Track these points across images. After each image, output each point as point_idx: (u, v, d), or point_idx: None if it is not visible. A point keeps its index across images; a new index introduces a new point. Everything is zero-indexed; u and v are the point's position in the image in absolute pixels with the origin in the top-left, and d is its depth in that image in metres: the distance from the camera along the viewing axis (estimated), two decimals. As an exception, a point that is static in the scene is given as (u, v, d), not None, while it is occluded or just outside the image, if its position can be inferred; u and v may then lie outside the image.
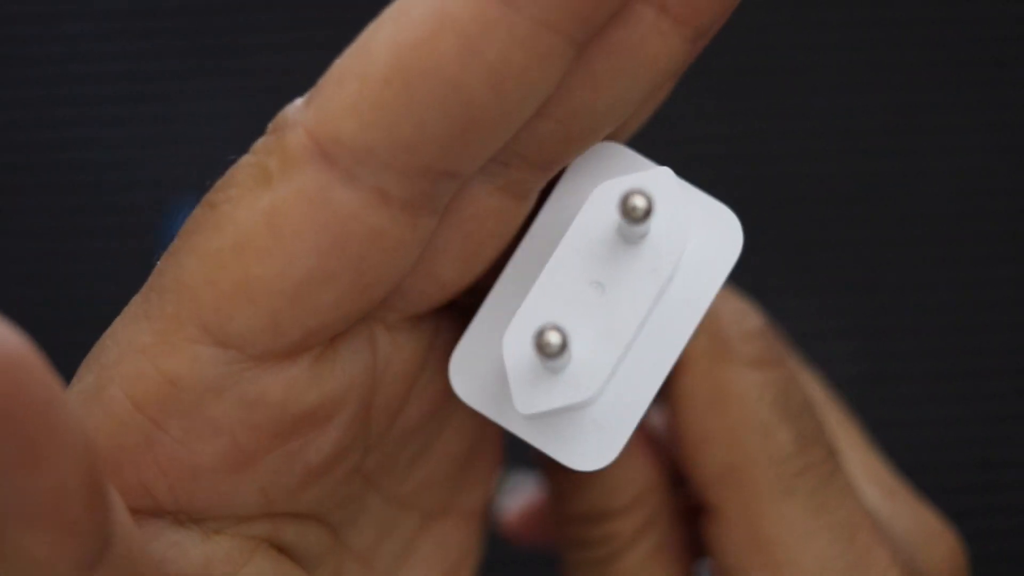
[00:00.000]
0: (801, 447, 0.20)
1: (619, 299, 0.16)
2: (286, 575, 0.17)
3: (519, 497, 0.29)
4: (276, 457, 0.16)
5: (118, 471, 0.16)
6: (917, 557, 0.21)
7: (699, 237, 0.17)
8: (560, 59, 0.14)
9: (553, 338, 0.15)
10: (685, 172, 0.17)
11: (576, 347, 0.16)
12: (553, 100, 0.15)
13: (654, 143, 0.18)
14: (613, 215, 0.16)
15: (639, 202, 0.15)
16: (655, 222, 0.16)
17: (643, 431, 0.21)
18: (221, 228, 0.15)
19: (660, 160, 0.17)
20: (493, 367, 0.17)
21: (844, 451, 0.22)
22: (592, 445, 0.17)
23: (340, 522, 0.19)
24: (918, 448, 0.41)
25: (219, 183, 0.15)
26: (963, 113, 0.44)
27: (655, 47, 0.15)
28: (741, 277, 0.21)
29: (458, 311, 0.19)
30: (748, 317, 0.20)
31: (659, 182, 0.16)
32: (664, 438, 0.21)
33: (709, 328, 0.20)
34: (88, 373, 0.16)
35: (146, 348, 0.15)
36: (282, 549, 0.18)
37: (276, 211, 0.15)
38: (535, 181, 0.17)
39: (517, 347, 0.16)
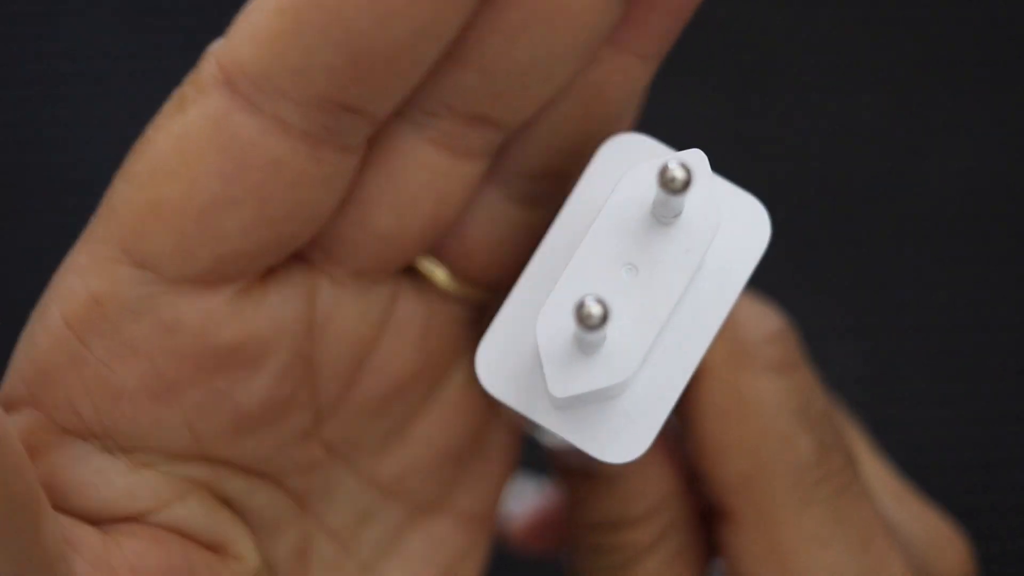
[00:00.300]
0: (821, 456, 0.19)
1: (653, 280, 0.16)
2: (220, 523, 0.17)
3: (525, 505, 0.28)
4: (201, 392, 0.17)
5: (49, 387, 0.16)
6: (927, 563, 0.21)
7: (727, 227, 0.17)
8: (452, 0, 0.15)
9: (595, 308, 0.15)
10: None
11: (611, 329, 0.16)
12: (468, 48, 0.16)
13: (660, 141, 0.18)
14: (647, 195, 0.16)
15: (679, 172, 0.15)
16: (688, 202, 0.16)
17: (661, 438, 0.21)
18: (142, 152, 0.16)
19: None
20: (521, 359, 0.17)
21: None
22: (623, 437, 0.17)
23: (306, 491, 0.19)
24: (923, 448, 0.41)
25: None
26: (969, 112, 0.44)
27: None
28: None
29: (421, 288, 0.19)
30: (767, 319, 0.20)
31: (692, 160, 0.16)
32: (682, 443, 0.21)
33: (728, 331, 0.19)
34: (44, 297, 0.17)
35: (79, 268, 0.16)
36: (229, 502, 0.18)
37: (185, 135, 0.15)
38: (473, 138, 0.17)
39: (552, 329, 0.16)
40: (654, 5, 0.17)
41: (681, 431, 0.21)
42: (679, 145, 0.17)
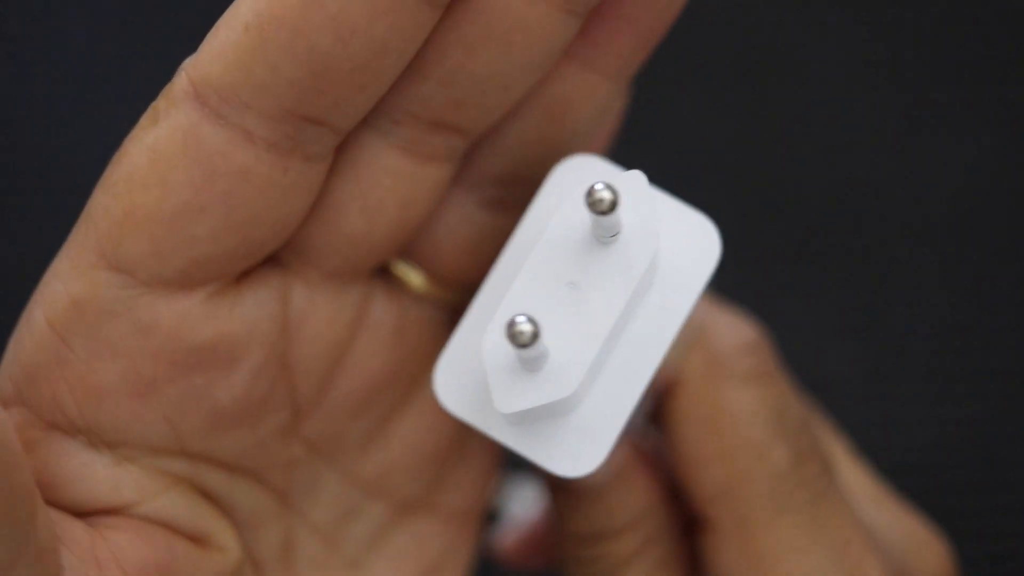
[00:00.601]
0: (796, 464, 0.20)
1: (594, 298, 0.16)
2: (202, 516, 0.18)
3: (525, 508, 0.28)
4: (178, 390, 0.17)
5: (35, 385, 0.17)
6: (906, 567, 0.21)
7: (677, 245, 0.18)
8: (409, 16, 0.15)
9: (525, 327, 0.15)
10: (687, 169, 0.17)
11: (553, 345, 0.16)
12: (427, 61, 0.17)
13: (656, 142, 0.18)
14: (586, 216, 0.17)
15: (605, 194, 0.16)
16: (627, 222, 0.16)
17: (642, 452, 0.21)
18: (119, 162, 0.17)
19: (662, 157, 0.17)
20: (477, 377, 0.18)
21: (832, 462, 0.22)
22: (576, 451, 0.17)
23: (288, 488, 0.19)
24: (922, 448, 0.41)
25: None
26: (969, 113, 0.44)
27: (522, 13, 0.16)
28: (740, 277, 0.21)
29: (394, 290, 0.19)
30: (740, 330, 0.20)
31: (629, 182, 0.16)
32: (664, 456, 0.21)
33: (702, 343, 0.20)
34: (30, 302, 0.18)
35: (61, 273, 0.17)
36: (211, 497, 0.19)
37: (157, 147, 0.16)
38: (436, 143, 0.17)
39: (496, 347, 0.16)
40: (620, 28, 0.17)
41: (663, 444, 0.21)
42: (676, 146, 0.18)
